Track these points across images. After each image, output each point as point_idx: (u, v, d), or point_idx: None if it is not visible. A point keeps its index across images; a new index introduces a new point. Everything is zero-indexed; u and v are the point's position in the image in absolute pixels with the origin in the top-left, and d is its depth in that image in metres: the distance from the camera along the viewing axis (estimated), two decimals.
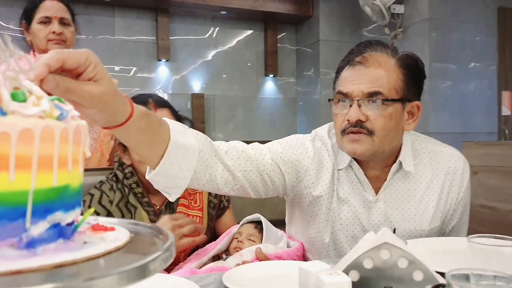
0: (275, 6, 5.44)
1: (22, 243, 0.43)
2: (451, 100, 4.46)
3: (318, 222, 1.32)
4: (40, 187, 0.44)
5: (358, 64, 1.19)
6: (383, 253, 0.75)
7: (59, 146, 0.45)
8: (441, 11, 4.54)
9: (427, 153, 1.32)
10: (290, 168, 1.27)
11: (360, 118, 1.17)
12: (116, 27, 5.12)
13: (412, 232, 1.27)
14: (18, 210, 0.43)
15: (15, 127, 0.41)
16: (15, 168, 0.41)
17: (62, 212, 0.46)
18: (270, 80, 5.91)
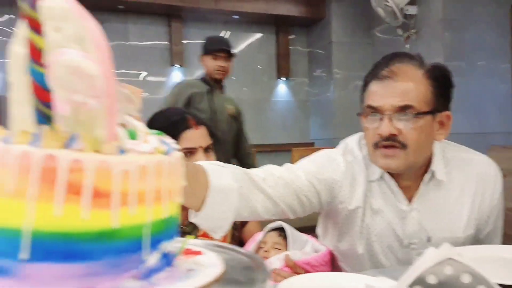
0: (287, 9, 5.43)
1: (141, 274, 0.44)
2: (466, 100, 4.42)
3: (351, 234, 1.31)
4: (154, 219, 0.45)
5: (386, 78, 1.17)
6: (446, 268, 0.75)
7: (168, 179, 0.46)
8: (455, 11, 4.50)
9: (458, 161, 1.31)
10: (324, 186, 1.27)
11: (392, 132, 1.15)
12: (129, 33, 5.14)
13: (447, 240, 1.23)
14: (137, 242, 0.44)
15: (134, 164, 0.43)
16: (135, 203, 0.43)
17: (167, 242, 0.47)
18: (282, 83, 5.90)
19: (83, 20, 0.41)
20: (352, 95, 5.50)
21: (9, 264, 0.41)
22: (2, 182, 0.41)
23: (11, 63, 0.46)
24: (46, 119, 0.42)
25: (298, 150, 4.26)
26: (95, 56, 0.40)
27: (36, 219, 0.40)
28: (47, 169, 0.40)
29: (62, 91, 0.39)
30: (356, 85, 5.52)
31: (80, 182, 0.40)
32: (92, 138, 0.42)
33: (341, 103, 5.47)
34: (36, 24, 0.40)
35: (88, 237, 0.41)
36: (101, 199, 0.41)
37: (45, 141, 0.40)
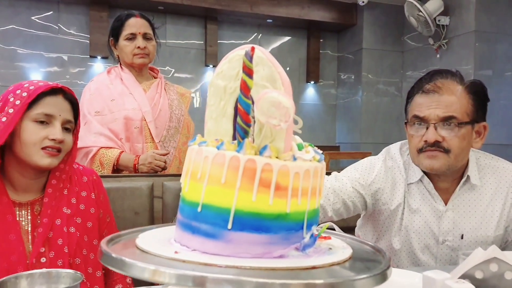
0: (320, 15, 5.58)
1: (301, 247, 0.62)
2: (495, 111, 4.52)
3: (390, 232, 1.48)
4: (311, 208, 0.63)
5: (431, 92, 1.34)
6: (492, 266, 0.89)
7: (319, 180, 0.64)
8: (487, 23, 4.61)
9: (491, 168, 1.46)
10: (368, 190, 1.45)
11: (437, 139, 1.31)
12: (167, 33, 5.35)
13: (479, 238, 1.42)
14: (300, 223, 0.62)
15: (302, 168, 0.61)
16: (301, 196, 0.60)
17: (315, 226, 0.65)
18: (311, 86, 6.05)
19: (274, 66, 0.60)
20: (379, 100, 5.63)
21: (219, 231, 0.60)
22: (218, 176, 0.59)
23: (211, 91, 0.65)
24: (245, 133, 0.61)
25: (324, 154, 4.41)
26: (284, 92, 0.59)
27: (239, 202, 0.59)
28: (248, 168, 0.58)
29: (264, 117, 0.57)
30: (384, 90, 5.64)
31: (269, 179, 0.58)
32: (276, 148, 0.60)
33: (368, 108, 5.60)
34: (249, 71, 0.59)
35: (271, 216, 0.59)
36: (281, 191, 0.59)
37: (247, 149, 0.59)
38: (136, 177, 1.87)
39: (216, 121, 0.66)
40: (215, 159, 0.60)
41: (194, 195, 0.63)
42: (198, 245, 0.61)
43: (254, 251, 0.59)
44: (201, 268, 0.55)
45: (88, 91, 2.13)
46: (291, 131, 0.62)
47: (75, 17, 5.01)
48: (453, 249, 1.42)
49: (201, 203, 0.61)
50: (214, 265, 0.56)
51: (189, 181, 0.64)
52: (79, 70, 5.04)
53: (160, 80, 2.23)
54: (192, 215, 0.63)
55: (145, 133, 2.07)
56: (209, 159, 0.61)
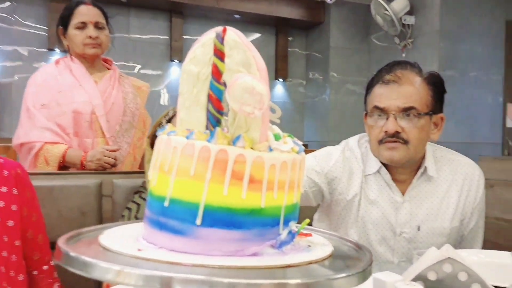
0: (288, 12, 5.57)
1: (277, 244, 0.58)
2: (458, 110, 4.61)
3: (346, 223, 1.47)
4: (288, 203, 0.59)
5: (391, 82, 1.34)
6: (446, 267, 0.87)
7: (298, 173, 0.60)
8: (451, 23, 4.70)
9: (446, 160, 1.48)
10: (324, 178, 1.44)
11: (397, 130, 1.32)
12: (131, 26, 5.22)
13: (435, 230, 1.43)
14: (276, 219, 0.58)
15: (279, 160, 0.57)
16: (277, 190, 0.57)
17: (293, 222, 0.61)
18: (280, 84, 6.04)
19: (249, 50, 0.56)
20: (347, 99, 5.67)
21: (187, 227, 0.55)
22: (186, 168, 0.55)
23: (184, 77, 0.60)
24: (217, 122, 0.56)
25: None
26: (259, 78, 0.54)
27: (210, 196, 0.54)
28: (220, 159, 0.54)
29: (236, 104, 0.53)
30: (351, 90, 5.69)
31: (242, 171, 0.54)
32: (251, 138, 0.56)
33: (336, 107, 5.64)
34: (222, 55, 0.55)
35: (244, 212, 0.55)
36: (255, 184, 0.55)
37: (218, 139, 0.54)
38: (83, 175, 1.78)
39: (189, 110, 0.61)
40: (184, 150, 0.56)
41: (161, 189, 0.58)
42: (165, 242, 0.57)
43: (225, 248, 0.55)
44: (165, 267, 0.51)
45: (34, 83, 2.00)
46: (267, 120, 0.58)
47: (32, 8, 4.82)
48: (410, 241, 1.42)
49: (168, 197, 0.57)
50: (180, 264, 0.51)
51: (157, 174, 0.60)
52: (37, 63, 4.84)
53: (114, 72, 2.11)
54: (160, 210, 0.58)
55: (95, 127, 1.96)
56: (178, 149, 0.56)
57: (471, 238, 1.50)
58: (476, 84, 4.74)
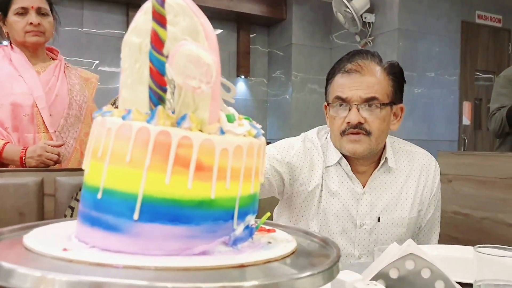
0: (249, 7, 5.50)
1: (230, 241, 0.50)
2: (417, 108, 4.68)
3: (307, 215, 1.44)
4: (244, 194, 0.51)
5: (353, 72, 1.32)
6: (408, 263, 0.81)
7: (256, 159, 0.52)
8: (410, 22, 4.76)
9: (404, 152, 1.48)
10: (285, 167, 1.41)
11: (360, 121, 1.30)
12: (84, 20, 5.02)
13: (394, 221, 1.42)
14: (229, 212, 0.50)
15: (232, 144, 0.49)
16: (230, 178, 0.49)
17: (251, 215, 0.53)
18: (241, 81, 5.97)
19: (196, 16, 0.48)
20: (309, 97, 5.66)
21: (123, 223, 0.47)
22: (122, 153, 0.46)
23: (125, 51, 0.51)
24: (159, 100, 0.48)
25: None
26: (207, 47, 0.47)
27: (149, 186, 0.46)
28: (161, 143, 0.46)
29: (180, 77, 0.45)
30: (313, 88, 5.68)
31: (188, 156, 0.46)
32: (198, 119, 0.48)
33: (298, 105, 5.62)
34: (163, 19, 0.46)
35: (191, 204, 0.47)
36: (203, 172, 0.47)
37: (160, 119, 0.46)
38: (22, 172, 1.63)
39: (131, 88, 0.52)
40: (119, 132, 0.47)
41: (94, 179, 0.50)
42: (97, 240, 0.48)
43: (168, 247, 0.47)
44: (94, 270, 0.42)
45: None
46: (219, 98, 0.50)
47: None
48: (370, 233, 1.41)
49: (101, 187, 0.48)
50: (111, 266, 0.43)
51: (89, 161, 0.51)
52: None
53: (60, 62, 1.96)
54: (92, 203, 0.50)
55: (37, 121, 1.81)
56: (112, 132, 0.48)
57: (428, 230, 1.51)
58: (433, 83, 4.82)
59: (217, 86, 0.48)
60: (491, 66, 5.26)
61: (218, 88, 0.48)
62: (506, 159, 2.03)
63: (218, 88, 0.48)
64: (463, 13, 4.99)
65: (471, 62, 5.11)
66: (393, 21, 4.77)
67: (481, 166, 2.16)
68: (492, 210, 2.04)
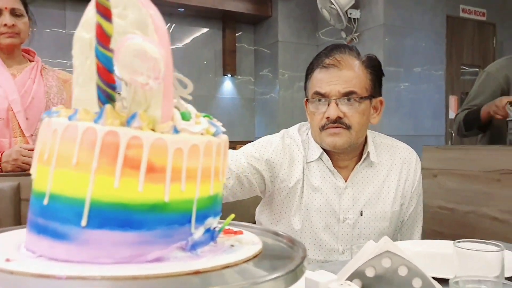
0: (234, 5, 5.47)
1: (188, 246, 0.48)
2: (403, 103, 4.68)
3: (289, 211, 1.43)
4: (202, 196, 0.49)
5: (331, 67, 1.32)
6: (384, 261, 0.78)
7: (215, 159, 0.50)
8: (395, 17, 4.75)
9: (385, 146, 1.48)
10: (264, 165, 1.39)
11: (339, 115, 1.30)
12: (67, 21, 4.96)
13: (377, 214, 1.42)
14: (186, 216, 0.48)
15: (187, 143, 0.46)
16: (186, 180, 0.46)
17: (213, 218, 0.51)
18: (228, 80, 5.93)
19: (145, 7, 0.45)
20: (296, 95, 5.64)
21: (70, 230, 0.44)
22: (68, 155, 0.43)
23: (76, 47, 0.48)
24: (108, 98, 0.45)
25: None
26: (156, 41, 0.44)
27: (97, 190, 0.43)
28: (109, 144, 0.43)
29: (126, 72, 0.42)
30: (300, 86, 5.66)
31: (138, 157, 0.44)
32: (150, 117, 0.45)
33: (286, 103, 5.59)
34: (107, 12, 0.44)
35: (142, 208, 0.44)
36: (156, 174, 0.45)
37: (108, 119, 0.43)
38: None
39: (83, 86, 0.50)
40: (65, 133, 0.45)
41: (41, 184, 0.47)
42: (45, 249, 0.46)
43: (119, 254, 0.44)
44: (32, 282, 0.39)
45: None
46: (171, 95, 0.47)
47: None
48: (353, 227, 1.41)
49: (48, 193, 0.46)
50: (52, 277, 0.40)
51: (36, 165, 0.48)
52: None
53: (37, 64, 1.92)
54: (39, 210, 0.47)
55: (12, 125, 1.77)
56: (58, 133, 0.45)
57: (411, 224, 1.51)
58: (420, 78, 4.83)
59: (169, 82, 0.45)
60: (477, 60, 5.28)
61: (170, 84, 0.46)
62: (488, 152, 2.02)
63: (170, 84, 0.46)
64: (448, 8, 5.00)
65: (457, 57, 5.12)
66: (378, 17, 4.76)
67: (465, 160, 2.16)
68: (476, 204, 2.04)
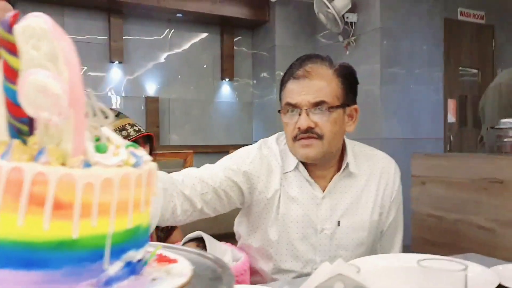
0: (231, 11, 5.46)
1: (100, 283, 0.46)
2: (401, 107, 4.65)
3: (265, 222, 1.42)
4: (117, 230, 0.47)
5: (302, 77, 1.33)
6: (337, 285, 0.76)
7: (134, 191, 0.48)
8: (392, 20, 4.73)
9: (364, 155, 1.48)
10: (242, 177, 1.38)
11: (309, 125, 1.31)
12: (66, 27, 4.97)
13: (355, 224, 1.41)
14: (98, 252, 0.46)
15: (98, 177, 0.45)
16: (97, 215, 0.45)
17: (134, 251, 0.49)
18: (226, 84, 5.93)
19: (56, 40, 0.44)
20: None
21: None
22: None
23: None
24: (18, 133, 0.44)
25: None
26: (65, 75, 0.43)
27: (0, 228, 0.42)
28: (13, 181, 0.42)
29: (31, 108, 0.41)
30: None
31: (43, 194, 0.42)
32: (60, 151, 0.44)
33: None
34: (12, 46, 0.42)
35: (48, 246, 0.43)
36: (62, 210, 0.43)
37: (15, 154, 0.42)
38: None
39: None
40: None
41: None
42: None
43: None
44: None
45: None
46: (84, 129, 0.46)
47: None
48: (331, 238, 1.40)
49: None
50: None
51: None
52: None
53: None
54: None
55: None
56: None
57: (391, 234, 1.50)
58: (418, 81, 4.79)
59: (80, 115, 0.44)
60: (475, 63, 5.24)
61: (82, 117, 0.44)
62: (476, 160, 2.00)
63: (82, 117, 0.44)
64: (446, 11, 4.97)
65: (455, 60, 5.08)
66: (375, 20, 4.73)
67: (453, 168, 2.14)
68: (464, 212, 2.02)
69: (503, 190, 1.81)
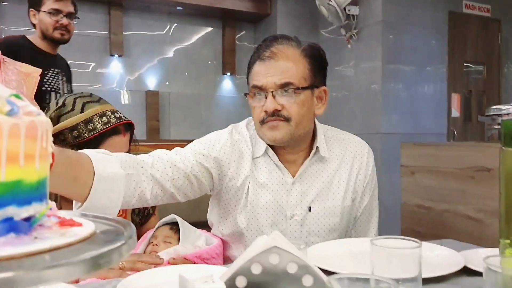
0: (232, 3, 5.41)
1: None
2: (403, 101, 4.55)
3: (236, 208, 1.38)
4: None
5: (267, 59, 1.28)
6: (272, 257, 0.72)
7: (7, 141, 0.43)
8: (394, 14, 4.63)
9: (337, 140, 1.44)
10: (213, 163, 1.34)
11: (276, 108, 1.26)
12: None
13: (326, 210, 1.37)
14: None
15: None
16: None
17: (15, 207, 0.45)
18: (227, 79, 5.88)
19: None
20: None
21: None
22: None
23: None
24: None
25: None
26: None
27: None
28: None
29: None
30: None
31: None
32: None
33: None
34: None
35: None
36: None
37: None
38: None
39: None
40: None
41: None
42: None
43: None
44: None
45: None
46: None
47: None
48: (302, 224, 1.36)
49: None
50: None
51: None
52: None
53: None
54: None
55: None
56: None
57: (365, 220, 1.45)
58: (420, 75, 4.70)
59: None
60: (481, 57, 5.12)
61: None
62: (462, 148, 1.92)
63: None
64: (450, 3, 4.86)
65: (460, 54, 4.96)
66: (377, 13, 4.65)
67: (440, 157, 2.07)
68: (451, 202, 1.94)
69: (490, 178, 1.73)
